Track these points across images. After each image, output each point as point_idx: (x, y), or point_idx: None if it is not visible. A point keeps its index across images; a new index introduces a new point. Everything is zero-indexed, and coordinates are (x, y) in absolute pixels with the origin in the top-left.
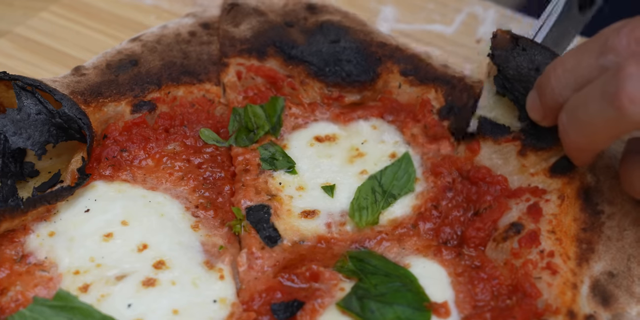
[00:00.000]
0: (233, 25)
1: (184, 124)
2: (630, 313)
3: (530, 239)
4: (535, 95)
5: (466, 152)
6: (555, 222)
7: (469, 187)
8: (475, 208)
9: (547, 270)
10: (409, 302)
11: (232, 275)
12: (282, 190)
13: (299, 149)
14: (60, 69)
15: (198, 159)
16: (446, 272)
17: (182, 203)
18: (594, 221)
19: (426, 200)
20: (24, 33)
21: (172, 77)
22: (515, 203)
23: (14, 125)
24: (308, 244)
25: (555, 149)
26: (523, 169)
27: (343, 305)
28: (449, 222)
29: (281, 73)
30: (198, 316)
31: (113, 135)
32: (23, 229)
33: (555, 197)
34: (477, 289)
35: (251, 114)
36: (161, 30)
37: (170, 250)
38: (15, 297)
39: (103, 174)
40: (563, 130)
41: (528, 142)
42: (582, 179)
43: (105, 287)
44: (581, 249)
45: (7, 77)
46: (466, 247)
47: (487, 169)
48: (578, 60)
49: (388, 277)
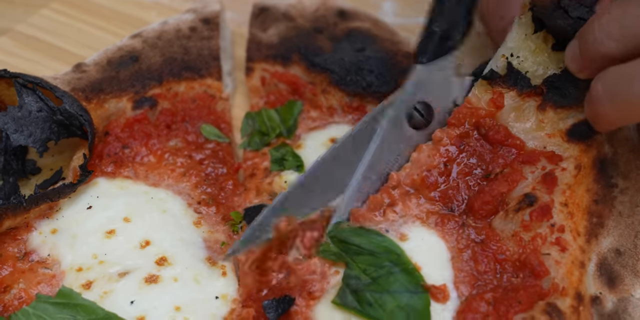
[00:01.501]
0: (261, 29)
1: (185, 120)
2: (634, 296)
3: (542, 211)
4: (576, 44)
5: (489, 105)
6: (568, 192)
7: (483, 145)
8: (487, 170)
9: (556, 246)
10: (404, 285)
11: (235, 271)
12: (287, 188)
13: (313, 149)
14: (62, 66)
15: (200, 154)
16: (446, 246)
17: (184, 199)
18: (606, 194)
19: (436, 155)
20: (25, 31)
21: (173, 73)
22: (530, 171)
23: (16, 122)
24: None
25: (575, 109)
26: (540, 126)
27: (339, 301)
28: (457, 184)
29: (304, 80)
30: (200, 312)
31: (115, 132)
32: (25, 226)
33: (572, 167)
34: (479, 267)
35: (266, 118)
36: (162, 26)
37: (173, 246)
38: (19, 295)
39: (105, 170)
40: (596, 99)
41: (549, 97)
42: (599, 148)
43: (108, 284)
44: (591, 223)
45: (7, 75)
46: (472, 218)
47: (506, 130)
48: (624, 10)
49: (375, 257)
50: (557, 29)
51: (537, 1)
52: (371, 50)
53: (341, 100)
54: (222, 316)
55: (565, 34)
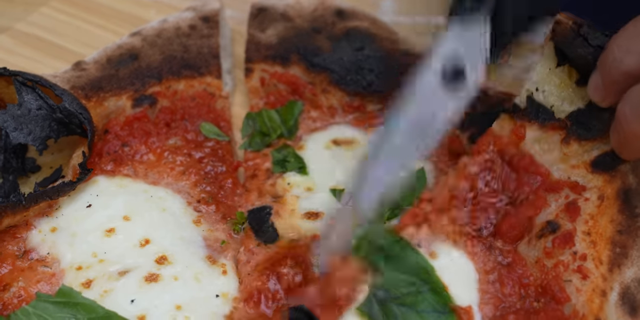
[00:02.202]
0: (260, 30)
1: (184, 118)
2: None
3: (565, 239)
4: (597, 74)
5: (511, 136)
6: (591, 222)
7: (508, 172)
8: (512, 197)
9: (578, 273)
10: (432, 304)
11: (235, 270)
12: (290, 190)
13: (315, 151)
14: (62, 64)
15: (199, 153)
16: (474, 267)
17: (183, 198)
18: (630, 224)
19: (462, 179)
20: (24, 29)
21: (173, 71)
22: (554, 199)
23: (15, 120)
24: (305, 242)
25: (600, 140)
26: (564, 158)
27: (364, 310)
28: (484, 206)
29: (303, 80)
30: (201, 311)
31: (114, 130)
32: (25, 224)
33: (595, 197)
34: (505, 289)
35: (266, 119)
36: (161, 24)
37: (173, 245)
38: (18, 293)
39: (105, 169)
40: (624, 121)
41: (573, 131)
42: (623, 178)
43: (108, 283)
44: (614, 253)
45: (7, 73)
46: (500, 241)
47: (532, 158)
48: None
49: (405, 271)
50: (579, 60)
51: (557, 31)
52: (370, 49)
53: (341, 100)
54: (222, 315)
55: (587, 65)
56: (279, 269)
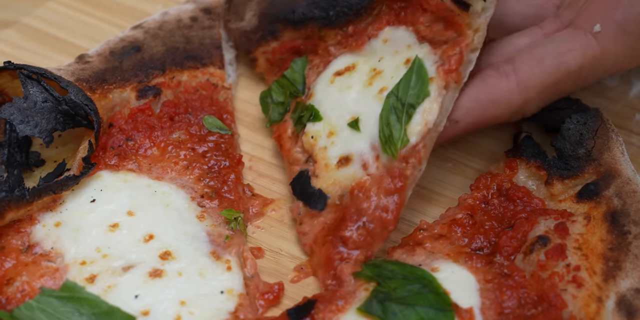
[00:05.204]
0: (239, 19)
1: (188, 112)
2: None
3: (557, 251)
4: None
5: (505, 170)
6: (581, 240)
7: (505, 204)
8: (510, 224)
9: (573, 283)
10: (431, 303)
11: (239, 266)
12: (316, 143)
13: (322, 91)
14: (67, 58)
15: (202, 147)
16: (475, 278)
17: (187, 193)
18: (620, 241)
19: (462, 208)
20: (31, 23)
21: (176, 62)
22: (544, 219)
23: (21, 113)
24: (347, 199)
25: (581, 177)
26: (552, 197)
27: (364, 309)
28: (483, 231)
29: (300, 40)
30: (205, 307)
31: (118, 124)
32: (29, 219)
33: (582, 218)
34: (504, 296)
35: (278, 87)
36: (162, 16)
37: (176, 240)
38: (22, 288)
39: (108, 163)
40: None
41: (554, 172)
42: (608, 203)
43: (112, 278)
44: (608, 266)
45: (12, 67)
46: (498, 256)
47: (526, 190)
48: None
49: (406, 280)
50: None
51: None
52: None
53: (336, 37)
54: (227, 311)
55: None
56: (341, 233)
